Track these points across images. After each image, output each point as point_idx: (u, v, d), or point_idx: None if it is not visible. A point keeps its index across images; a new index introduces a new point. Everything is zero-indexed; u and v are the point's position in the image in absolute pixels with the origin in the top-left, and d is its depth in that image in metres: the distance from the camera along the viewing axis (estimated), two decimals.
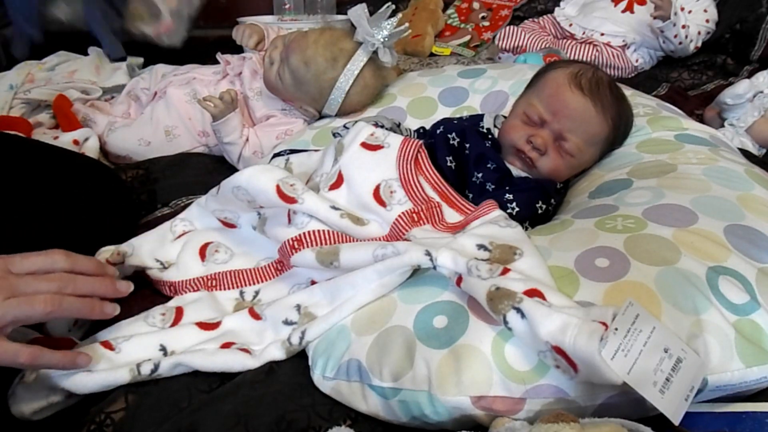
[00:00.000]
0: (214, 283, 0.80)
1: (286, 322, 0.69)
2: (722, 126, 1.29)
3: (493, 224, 0.69)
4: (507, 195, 0.80)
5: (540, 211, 0.81)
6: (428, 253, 0.62)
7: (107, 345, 0.67)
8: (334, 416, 0.61)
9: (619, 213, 0.69)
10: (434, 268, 0.62)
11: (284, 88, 1.12)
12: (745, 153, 1.01)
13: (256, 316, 0.71)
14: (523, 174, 0.86)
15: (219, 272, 0.80)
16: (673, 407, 0.48)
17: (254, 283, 0.80)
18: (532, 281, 0.57)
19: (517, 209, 0.78)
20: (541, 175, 0.85)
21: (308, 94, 1.11)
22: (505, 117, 0.94)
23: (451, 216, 0.77)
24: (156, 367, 0.65)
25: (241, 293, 0.79)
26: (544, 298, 0.55)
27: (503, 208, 0.76)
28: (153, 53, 1.52)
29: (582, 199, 0.81)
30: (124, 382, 0.64)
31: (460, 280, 0.60)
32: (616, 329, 0.50)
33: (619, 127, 0.88)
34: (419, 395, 0.57)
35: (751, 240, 0.63)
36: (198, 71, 1.28)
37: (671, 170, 0.77)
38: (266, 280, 0.80)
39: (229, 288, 0.79)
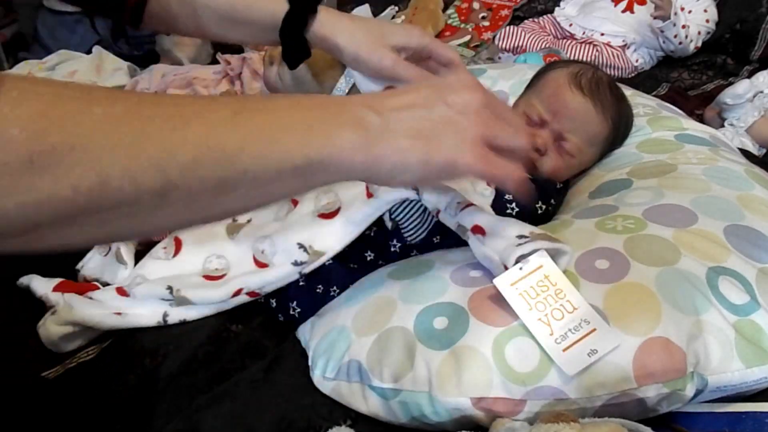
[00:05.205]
0: None
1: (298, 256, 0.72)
2: (722, 126, 1.29)
3: None
4: (506, 195, 0.79)
5: (540, 212, 0.81)
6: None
7: (121, 291, 0.74)
8: (334, 416, 0.61)
9: (619, 213, 0.69)
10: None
11: (284, 88, 1.12)
12: (745, 153, 1.01)
13: (261, 265, 0.74)
14: None
15: None
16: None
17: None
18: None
19: (516, 209, 0.78)
20: (541, 176, 0.85)
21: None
22: None
23: None
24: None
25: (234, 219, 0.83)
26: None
27: (503, 208, 0.76)
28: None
29: (582, 199, 0.81)
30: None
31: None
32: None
33: (619, 127, 0.88)
34: (419, 396, 0.57)
35: (750, 240, 0.63)
36: (198, 71, 1.28)
37: (671, 170, 0.77)
38: None
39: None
